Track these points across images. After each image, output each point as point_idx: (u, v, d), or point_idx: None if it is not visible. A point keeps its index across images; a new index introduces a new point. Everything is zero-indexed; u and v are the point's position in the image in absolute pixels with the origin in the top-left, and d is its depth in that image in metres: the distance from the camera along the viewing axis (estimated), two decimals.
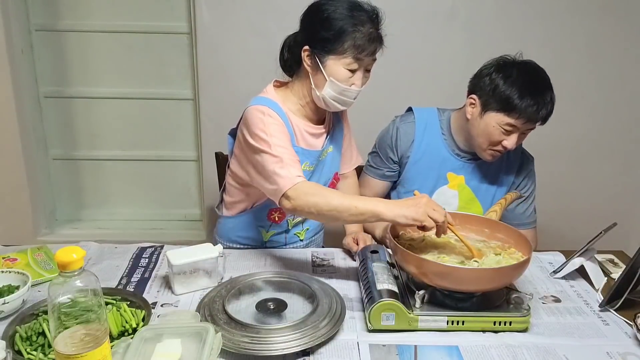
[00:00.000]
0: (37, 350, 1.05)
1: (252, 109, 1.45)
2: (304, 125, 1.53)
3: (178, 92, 2.63)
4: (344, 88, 1.41)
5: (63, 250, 0.87)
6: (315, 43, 1.41)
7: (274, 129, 1.41)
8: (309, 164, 1.54)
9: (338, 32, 1.37)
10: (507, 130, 1.50)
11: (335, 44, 1.37)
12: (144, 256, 1.53)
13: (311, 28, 1.43)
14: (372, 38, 1.39)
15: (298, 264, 1.51)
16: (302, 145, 1.52)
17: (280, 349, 1.07)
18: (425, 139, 1.68)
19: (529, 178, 1.71)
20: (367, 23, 1.38)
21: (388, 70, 2.42)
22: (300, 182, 1.33)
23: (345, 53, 1.38)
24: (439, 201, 1.52)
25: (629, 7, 2.41)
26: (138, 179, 2.79)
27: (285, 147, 1.40)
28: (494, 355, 1.12)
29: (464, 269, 1.18)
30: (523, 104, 1.45)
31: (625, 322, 1.25)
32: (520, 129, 1.51)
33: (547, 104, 1.48)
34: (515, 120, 1.48)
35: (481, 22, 2.36)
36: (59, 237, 2.71)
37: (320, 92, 1.44)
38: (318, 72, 1.42)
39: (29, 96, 2.54)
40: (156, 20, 2.53)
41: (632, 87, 2.54)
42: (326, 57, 1.40)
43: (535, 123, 1.51)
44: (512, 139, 1.51)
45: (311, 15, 1.45)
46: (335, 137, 1.63)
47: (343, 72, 1.40)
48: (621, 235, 1.66)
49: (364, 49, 1.38)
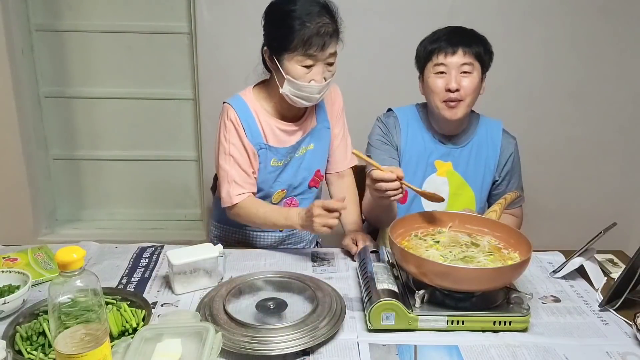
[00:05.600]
0: (37, 350, 1.05)
1: (224, 106, 1.58)
2: (275, 123, 1.58)
3: (178, 92, 2.63)
4: (302, 85, 1.45)
5: (63, 250, 0.87)
6: (270, 43, 1.48)
7: (232, 135, 1.54)
8: (277, 160, 1.60)
9: (286, 30, 1.41)
10: (440, 71, 1.57)
11: (285, 42, 1.41)
12: (144, 256, 1.54)
13: (266, 29, 1.50)
14: (322, 33, 1.40)
15: (298, 264, 1.51)
16: (271, 143, 1.58)
17: (280, 349, 1.07)
18: (410, 132, 1.71)
19: (513, 157, 1.72)
20: (316, 17, 1.40)
21: (388, 70, 2.43)
22: (236, 203, 1.55)
23: (296, 50, 1.41)
24: (429, 190, 1.56)
25: (628, 7, 2.41)
26: (138, 179, 2.80)
27: (237, 158, 1.54)
28: (494, 355, 1.12)
29: (464, 269, 1.18)
30: (437, 45, 1.57)
31: (625, 322, 1.25)
32: (451, 66, 1.55)
33: (465, 38, 1.56)
34: (436, 58, 1.56)
35: (481, 22, 2.35)
36: (59, 237, 2.71)
37: (282, 90, 1.48)
38: (278, 71, 1.48)
39: (29, 96, 2.55)
40: (156, 20, 2.54)
41: (632, 87, 2.54)
42: (281, 55, 1.45)
43: (459, 54, 1.55)
44: (449, 79, 1.56)
45: (265, 16, 1.50)
46: (318, 135, 1.66)
47: (298, 70, 1.44)
48: (621, 235, 1.66)
49: (311, 45, 1.40)
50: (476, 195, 1.71)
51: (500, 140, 1.71)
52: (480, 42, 1.58)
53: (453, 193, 1.70)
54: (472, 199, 1.71)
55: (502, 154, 1.71)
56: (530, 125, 2.54)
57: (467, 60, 1.55)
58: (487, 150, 1.71)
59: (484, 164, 1.70)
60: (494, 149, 1.71)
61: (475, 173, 1.70)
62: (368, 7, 2.37)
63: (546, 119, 2.56)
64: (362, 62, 2.44)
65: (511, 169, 1.72)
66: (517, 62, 2.44)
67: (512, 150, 1.72)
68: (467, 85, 1.56)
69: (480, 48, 1.57)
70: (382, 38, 2.40)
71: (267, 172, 1.61)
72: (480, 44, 1.58)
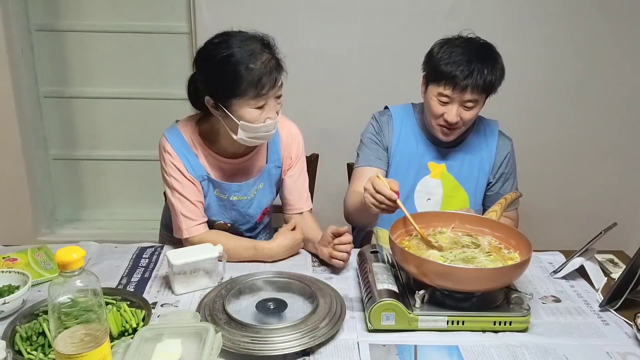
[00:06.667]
0: (37, 350, 1.05)
1: (161, 140, 1.51)
2: (218, 158, 1.53)
3: (178, 92, 2.61)
4: (258, 126, 1.38)
5: (63, 250, 0.87)
6: (214, 92, 1.38)
7: (171, 168, 1.49)
8: (220, 192, 1.55)
9: (232, 77, 1.32)
10: (443, 101, 1.54)
11: (233, 88, 1.33)
12: (144, 256, 1.53)
13: (206, 77, 1.39)
14: (269, 69, 1.33)
15: (298, 264, 1.51)
16: (214, 176, 1.53)
17: (280, 349, 1.07)
18: (403, 132, 1.70)
19: (508, 159, 1.72)
20: (260, 55, 1.33)
21: (388, 70, 2.43)
22: (193, 236, 1.50)
23: (246, 95, 1.33)
24: (423, 192, 1.55)
25: (628, 7, 2.41)
26: (138, 179, 2.79)
27: (181, 191, 1.49)
28: (494, 355, 1.12)
29: (464, 269, 1.18)
30: (448, 72, 1.49)
31: (625, 322, 1.25)
32: (455, 99, 1.52)
33: (478, 73, 1.49)
34: (443, 89, 1.52)
35: (481, 22, 2.35)
36: (59, 237, 2.71)
37: (237, 136, 1.40)
38: (228, 117, 1.39)
39: (29, 96, 2.54)
40: (156, 20, 2.54)
41: (631, 87, 2.54)
42: (229, 102, 1.36)
43: (467, 92, 1.50)
44: (450, 110, 1.53)
45: (202, 63, 1.40)
46: (268, 173, 1.60)
47: (252, 113, 1.36)
48: (621, 235, 1.65)
49: (264, 85, 1.33)
50: (470, 197, 1.70)
51: (496, 142, 1.70)
52: (495, 69, 1.51)
53: (447, 195, 1.70)
54: (465, 202, 1.70)
55: (498, 155, 1.70)
56: (530, 125, 2.54)
57: (473, 98, 1.52)
58: (482, 151, 1.70)
59: (478, 166, 1.70)
60: (489, 150, 1.70)
61: (469, 175, 1.70)
62: (368, 7, 2.37)
63: (546, 119, 2.56)
64: (363, 62, 2.44)
65: (507, 171, 1.72)
66: (517, 62, 2.43)
67: (508, 152, 1.72)
68: (466, 117, 1.56)
69: (493, 75, 1.51)
70: (382, 38, 2.40)
71: (210, 200, 1.55)
72: (495, 70, 1.51)
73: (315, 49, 2.40)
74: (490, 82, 1.51)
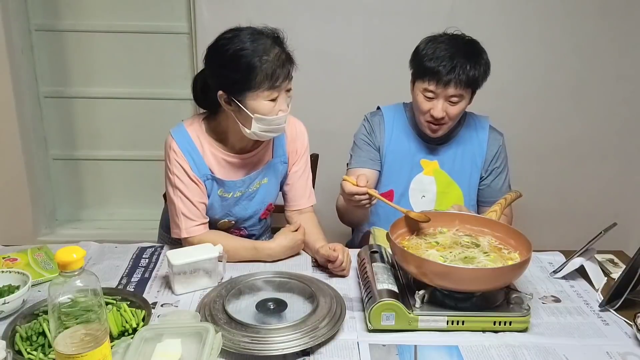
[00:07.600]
0: (37, 350, 1.05)
1: (167, 139, 1.52)
2: (223, 155, 1.53)
3: (178, 92, 2.63)
4: (272, 119, 1.40)
5: (63, 250, 0.87)
6: (228, 86, 1.39)
7: (176, 167, 1.49)
8: (224, 191, 1.55)
9: (246, 69, 1.34)
10: (428, 97, 1.56)
11: (248, 82, 1.35)
12: (144, 256, 1.54)
13: (218, 72, 1.41)
14: (282, 62, 1.37)
15: (298, 264, 1.51)
16: (217, 175, 1.53)
17: (280, 349, 1.07)
18: (395, 131, 1.71)
19: (500, 153, 1.73)
20: (272, 49, 1.36)
21: (389, 70, 2.43)
22: (192, 236, 1.50)
23: (261, 87, 1.36)
24: (417, 189, 1.56)
25: (628, 7, 2.41)
26: (138, 179, 2.79)
27: (184, 191, 1.49)
28: (494, 355, 1.12)
29: (464, 269, 1.18)
30: (431, 67, 1.52)
31: (625, 322, 1.25)
32: (440, 95, 1.54)
33: (460, 68, 1.50)
34: (428, 84, 1.54)
35: (481, 22, 2.36)
36: (59, 237, 2.71)
37: (250, 130, 1.42)
38: (241, 111, 1.40)
39: (29, 96, 2.54)
40: (156, 20, 2.54)
41: (631, 87, 2.54)
42: (243, 96, 1.38)
43: (451, 87, 1.52)
44: (436, 106, 1.56)
45: (214, 59, 1.42)
46: (273, 169, 1.61)
47: (265, 105, 1.39)
48: (621, 235, 1.65)
49: (278, 77, 1.36)
50: (464, 193, 1.72)
51: (486, 136, 1.72)
52: (478, 64, 1.53)
53: (441, 192, 1.70)
54: (460, 197, 1.71)
55: (489, 149, 1.71)
56: (531, 125, 2.54)
57: (457, 93, 1.53)
58: (473, 146, 1.71)
59: (470, 161, 1.71)
60: (479, 145, 1.71)
61: (461, 171, 1.71)
62: (369, 7, 2.37)
63: (546, 119, 2.56)
64: (363, 62, 2.44)
65: (498, 165, 1.73)
66: (517, 62, 2.44)
67: (499, 146, 1.73)
68: (452, 113, 1.57)
69: (476, 71, 1.52)
70: (382, 38, 2.40)
71: (213, 200, 1.56)
72: (478, 65, 1.53)
73: (316, 49, 2.39)
74: (473, 77, 1.53)
